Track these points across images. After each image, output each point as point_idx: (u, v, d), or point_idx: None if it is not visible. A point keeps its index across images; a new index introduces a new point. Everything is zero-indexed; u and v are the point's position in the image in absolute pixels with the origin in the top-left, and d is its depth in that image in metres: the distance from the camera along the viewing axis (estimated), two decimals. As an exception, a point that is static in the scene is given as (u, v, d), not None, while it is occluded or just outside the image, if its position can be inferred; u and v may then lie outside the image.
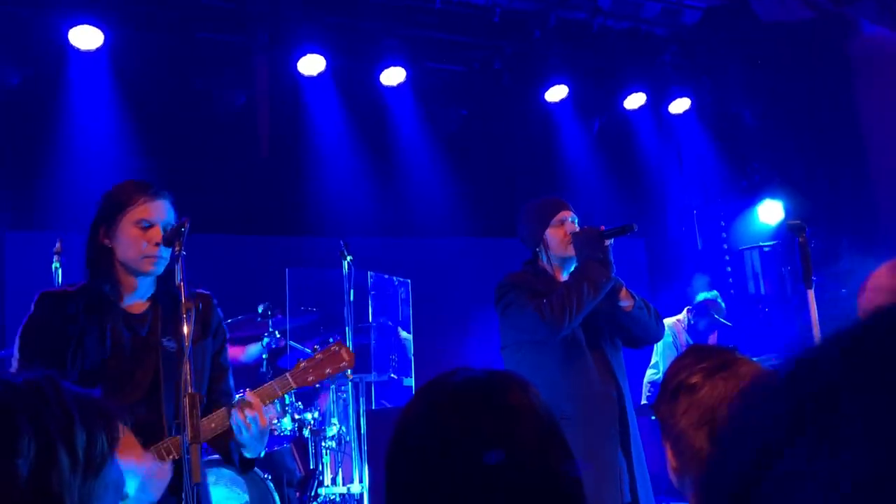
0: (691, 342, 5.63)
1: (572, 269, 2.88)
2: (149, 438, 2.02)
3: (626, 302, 2.87)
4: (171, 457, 2.04)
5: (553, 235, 2.94)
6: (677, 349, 5.63)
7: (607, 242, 2.80)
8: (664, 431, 1.31)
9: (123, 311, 2.20)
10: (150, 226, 2.16)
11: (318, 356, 2.28)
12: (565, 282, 2.83)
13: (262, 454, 2.29)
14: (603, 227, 2.82)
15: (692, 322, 5.70)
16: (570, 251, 2.87)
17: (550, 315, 2.68)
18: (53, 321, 2.13)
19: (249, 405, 2.09)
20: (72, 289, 2.22)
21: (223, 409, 2.14)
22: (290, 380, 2.24)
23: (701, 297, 5.75)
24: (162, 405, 2.12)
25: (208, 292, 2.34)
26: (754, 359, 1.35)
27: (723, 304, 5.71)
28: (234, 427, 2.09)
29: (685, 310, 5.78)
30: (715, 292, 5.82)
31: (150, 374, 2.14)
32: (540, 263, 2.98)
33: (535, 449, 0.95)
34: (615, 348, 2.93)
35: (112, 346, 2.14)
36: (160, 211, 2.18)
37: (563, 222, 2.94)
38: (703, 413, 1.23)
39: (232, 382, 2.36)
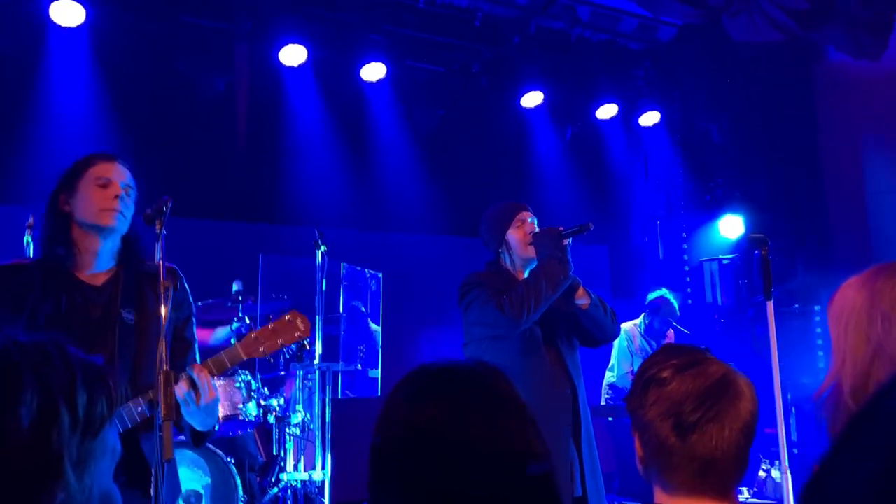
0: (647, 346, 5.80)
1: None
2: None
3: (582, 300, 2.99)
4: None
5: (514, 236, 3.06)
6: (631, 353, 5.79)
7: (566, 242, 2.92)
8: (634, 422, 1.37)
9: (81, 281, 2.15)
10: (109, 182, 2.18)
11: (272, 326, 2.17)
12: (525, 279, 2.95)
13: (216, 428, 2.21)
14: (561, 228, 2.94)
15: (648, 322, 5.81)
16: (531, 252, 2.99)
17: (510, 310, 2.79)
18: (6, 294, 2.09)
19: (195, 377, 2.02)
20: (27, 261, 2.18)
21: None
22: (240, 350, 2.12)
23: (651, 296, 5.87)
24: (116, 379, 2.11)
25: (173, 265, 2.26)
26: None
27: (675, 302, 5.81)
28: (179, 401, 2.00)
29: (642, 315, 5.92)
30: (664, 290, 5.91)
31: (108, 347, 2.08)
32: (502, 264, 3.09)
33: (518, 437, 0.99)
34: (571, 348, 3.04)
35: (67, 317, 2.09)
36: (118, 171, 2.21)
37: (523, 222, 3.06)
38: (670, 406, 1.30)
39: (197, 357, 2.28)
